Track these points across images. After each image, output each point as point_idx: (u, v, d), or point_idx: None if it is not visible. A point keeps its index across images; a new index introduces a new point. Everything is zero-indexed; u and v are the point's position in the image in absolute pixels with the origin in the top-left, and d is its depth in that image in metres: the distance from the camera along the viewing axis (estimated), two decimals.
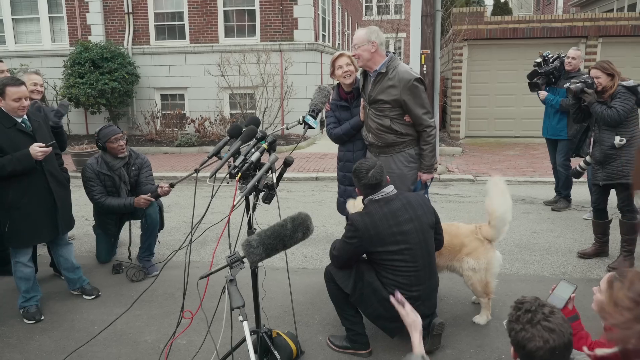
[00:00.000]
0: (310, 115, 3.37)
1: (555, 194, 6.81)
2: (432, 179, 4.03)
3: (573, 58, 6.23)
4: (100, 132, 4.57)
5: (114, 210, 4.62)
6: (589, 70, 4.71)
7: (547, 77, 6.36)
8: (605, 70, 4.53)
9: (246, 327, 2.16)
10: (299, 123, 3.41)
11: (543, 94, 6.38)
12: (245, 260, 2.29)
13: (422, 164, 3.88)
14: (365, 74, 3.96)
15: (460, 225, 3.73)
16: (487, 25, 11.92)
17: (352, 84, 4.08)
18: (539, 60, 6.39)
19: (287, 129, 3.39)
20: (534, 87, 6.46)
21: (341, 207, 4.25)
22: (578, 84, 4.68)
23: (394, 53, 3.98)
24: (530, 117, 11.86)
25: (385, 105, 3.77)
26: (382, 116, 3.81)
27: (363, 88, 3.97)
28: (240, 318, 2.15)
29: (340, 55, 4.04)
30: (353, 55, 3.92)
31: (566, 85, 6.08)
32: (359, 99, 4.09)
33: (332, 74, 4.13)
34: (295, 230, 2.21)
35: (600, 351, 0.52)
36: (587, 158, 4.90)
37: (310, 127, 3.34)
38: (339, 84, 4.17)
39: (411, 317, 2.34)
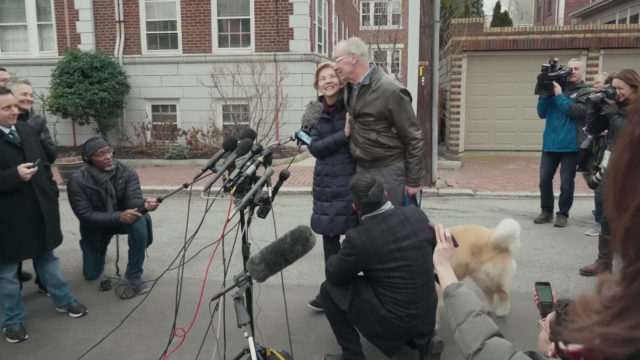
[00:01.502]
0: (303, 131, 3.41)
1: (541, 210, 6.81)
2: (421, 192, 4.06)
3: (576, 68, 6.30)
4: (86, 145, 4.59)
5: (99, 225, 4.62)
6: (610, 80, 4.71)
7: (557, 81, 6.30)
8: (629, 81, 4.48)
9: (252, 343, 2.19)
10: (292, 139, 3.44)
11: (558, 89, 6.21)
12: (252, 279, 2.32)
13: (408, 177, 3.90)
14: (349, 87, 3.98)
15: (482, 227, 3.99)
16: (487, 36, 12.07)
17: (335, 96, 4.04)
18: (548, 65, 6.33)
19: (280, 144, 3.42)
20: (546, 88, 6.28)
21: (315, 224, 4.17)
22: (598, 94, 4.68)
23: (378, 64, 4.01)
24: (531, 130, 11.95)
25: (370, 119, 3.80)
26: (368, 130, 3.84)
27: (348, 101, 3.98)
28: (246, 334, 2.17)
29: (325, 66, 4.03)
30: (335, 69, 3.92)
31: (573, 96, 6.18)
32: (342, 112, 4.08)
33: (316, 84, 4.11)
34: (294, 243, 2.23)
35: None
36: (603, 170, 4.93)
37: (304, 142, 3.37)
38: (322, 96, 4.18)
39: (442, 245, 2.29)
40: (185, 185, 3.38)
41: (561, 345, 1.23)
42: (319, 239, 3.37)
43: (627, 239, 0.56)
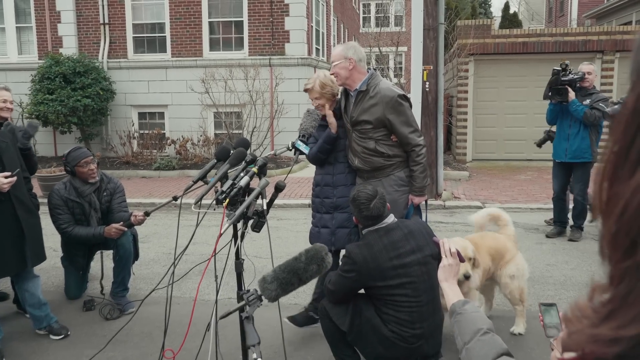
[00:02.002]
0: (301, 140, 3.44)
1: (554, 224, 6.84)
2: (426, 203, 4.09)
3: (589, 73, 6.34)
4: (69, 155, 4.61)
5: (82, 240, 4.64)
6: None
7: (570, 86, 6.30)
8: None
9: None
10: (289, 149, 3.48)
11: (572, 95, 6.23)
12: (263, 298, 2.34)
13: (412, 186, 3.93)
14: (346, 93, 4.03)
15: (493, 233, 4.22)
16: (495, 39, 12.18)
17: (332, 106, 4.10)
18: (559, 69, 6.35)
19: (276, 154, 3.46)
20: (560, 93, 6.26)
21: (314, 238, 4.19)
22: (616, 107, 4.75)
23: (376, 70, 4.07)
24: None
25: (367, 126, 3.85)
26: (365, 138, 3.88)
27: (345, 108, 4.03)
28: (255, 356, 2.19)
29: (308, 89, 4.01)
30: (331, 74, 3.97)
31: (586, 102, 6.23)
32: (340, 120, 4.11)
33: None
34: (309, 262, 2.26)
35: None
36: None
37: (302, 152, 3.41)
38: None
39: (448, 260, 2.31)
40: (175, 198, 3.41)
41: (556, 354, 1.29)
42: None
43: (613, 242, 0.62)
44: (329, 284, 3.21)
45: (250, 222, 2.67)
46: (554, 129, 6.79)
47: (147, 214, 4.42)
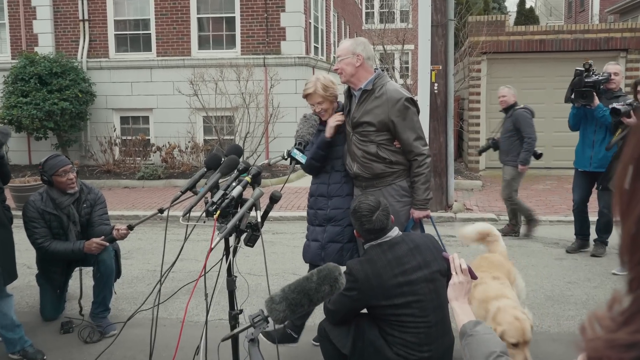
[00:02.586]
0: (297, 149, 3.45)
1: (575, 238, 6.85)
2: (431, 218, 4.06)
3: (615, 73, 6.34)
4: (46, 163, 4.63)
5: (60, 256, 4.65)
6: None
7: (594, 88, 6.23)
8: None
9: None
10: (284, 158, 3.50)
11: (597, 100, 6.18)
12: (269, 319, 2.35)
13: (414, 198, 3.95)
14: (349, 93, 4.07)
15: (490, 255, 4.27)
16: (509, 36, 12.25)
17: (334, 110, 4.12)
18: (582, 69, 6.30)
19: (270, 164, 3.49)
20: (585, 96, 6.20)
21: (304, 251, 4.22)
22: (627, 106, 4.75)
23: (382, 70, 4.10)
24: (563, 145, 12.05)
25: (370, 129, 3.88)
26: (367, 142, 3.91)
27: (348, 111, 4.05)
28: None
29: (309, 94, 4.01)
30: (335, 70, 4.03)
31: (612, 105, 6.22)
32: (341, 125, 4.13)
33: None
34: (321, 283, 2.29)
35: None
36: None
37: (298, 162, 3.42)
38: None
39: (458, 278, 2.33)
40: (161, 210, 3.44)
41: None
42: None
43: (632, 244, 0.66)
44: (329, 303, 3.23)
45: (243, 236, 2.69)
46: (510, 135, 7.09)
47: (130, 227, 4.45)
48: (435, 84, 8.64)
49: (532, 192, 10.51)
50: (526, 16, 24.36)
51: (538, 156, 7.49)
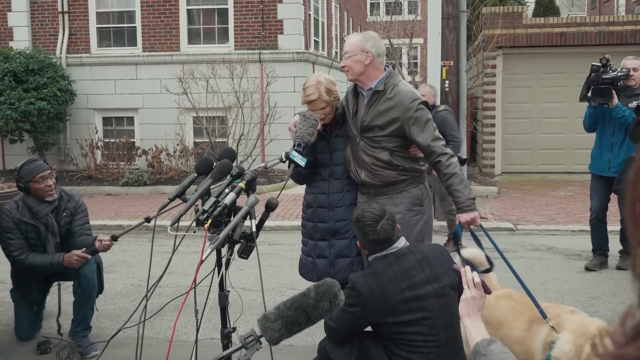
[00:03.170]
0: (296, 151, 3.45)
1: (593, 254, 6.74)
2: (481, 226, 3.91)
3: (635, 69, 6.32)
4: (22, 168, 4.64)
5: (37, 270, 4.65)
6: None
7: (612, 85, 6.20)
8: None
9: None
10: (282, 161, 3.49)
11: (616, 99, 6.14)
12: (263, 339, 2.36)
13: (457, 202, 3.85)
14: (355, 92, 4.05)
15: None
16: (527, 29, 12.28)
17: (332, 112, 4.08)
18: (599, 64, 6.26)
19: (267, 167, 3.48)
20: (603, 94, 6.16)
21: (308, 269, 4.20)
22: None
23: (393, 67, 4.09)
24: (586, 147, 11.97)
25: (381, 133, 3.87)
26: (378, 148, 3.90)
27: (355, 113, 4.02)
28: None
29: (312, 101, 3.92)
30: (342, 67, 4.01)
31: (632, 105, 6.22)
32: (343, 127, 4.13)
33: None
34: (319, 299, 2.30)
35: None
36: None
37: (298, 165, 3.42)
38: None
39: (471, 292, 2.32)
40: (147, 220, 3.44)
41: None
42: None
43: None
44: (330, 320, 3.23)
45: (237, 247, 2.70)
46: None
47: (114, 238, 4.45)
48: (447, 81, 8.66)
49: (552, 199, 10.52)
50: (545, 7, 24.37)
51: (463, 162, 7.25)
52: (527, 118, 12.66)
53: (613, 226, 6.76)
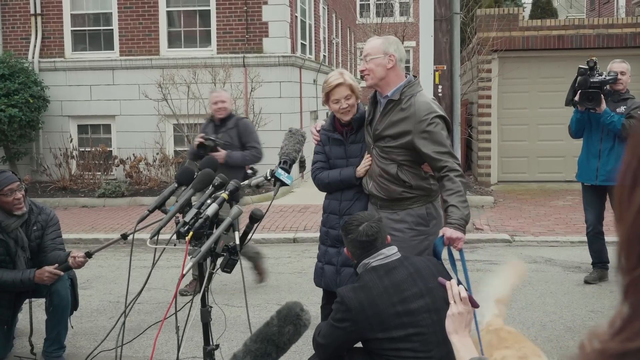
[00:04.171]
0: (282, 168, 3.48)
1: (592, 267, 6.76)
2: (462, 251, 3.84)
3: (622, 73, 6.36)
4: None
5: (6, 287, 4.63)
6: None
7: (601, 89, 6.22)
8: None
9: None
10: (267, 179, 3.52)
11: (604, 104, 6.16)
12: None
13: (450, 217, 3.80)
14: (375, 99, 4.09)
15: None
16: (524, 31, 12.37)
17: (352, 115, 4.18)
18: (586, 67, 6.29)
19: (250, 186, 3.50)
20: (591, 98, 6.16)
21: (317, 275, 4.29)
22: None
23: (415, 77, 4.09)
24: None
25: (392, 144, 3.90)
26: (387, 160, 3.93)
27: (371, 121, 4.07)
28: None
29: (338, 85, 4.04)
30: (362, 71, 4.04)
31: (620, 110, 6.26)
32: (360, 133, 4.19)
33: (326, 102, 4.22)
34: (282, 325, 2.32)
35: None
36: None
37: (284, 184, 3.45)
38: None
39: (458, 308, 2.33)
40: (124, 236, 3.44)
41: None
42: (303, 304, 3.39)
43: (628, 250, 0.72)
44: (319, 336, 3.24)
45: (220, 260, 2.72)
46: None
47: (88, 255, 4.44)
48: (440, 86, 8.70)
49: (550, 209, 10.59)
50: (543, 9, 24.56)
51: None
52: (524, 124, 12.72)
53: (612, 237, 6.81)
